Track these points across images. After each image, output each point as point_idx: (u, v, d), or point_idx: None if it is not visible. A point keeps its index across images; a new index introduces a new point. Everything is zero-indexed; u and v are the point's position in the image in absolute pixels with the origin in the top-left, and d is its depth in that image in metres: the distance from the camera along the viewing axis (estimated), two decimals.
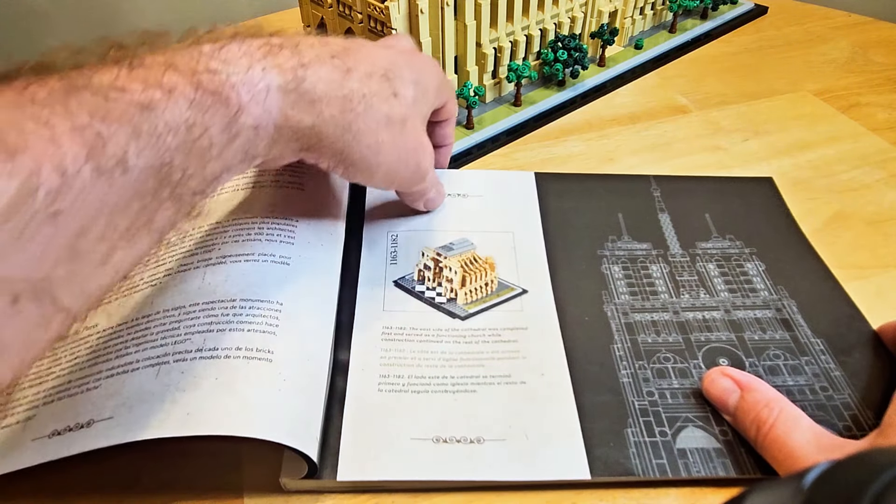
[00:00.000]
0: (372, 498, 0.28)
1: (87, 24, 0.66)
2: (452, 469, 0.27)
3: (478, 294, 0.35)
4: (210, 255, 0.31)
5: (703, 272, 0.37)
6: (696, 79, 0.57)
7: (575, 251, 0.37)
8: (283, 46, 0.26)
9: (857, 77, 0.57)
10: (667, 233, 0.39)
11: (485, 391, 0.30)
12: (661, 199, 0.42)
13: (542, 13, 0.53)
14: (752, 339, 0.33)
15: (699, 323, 0.34)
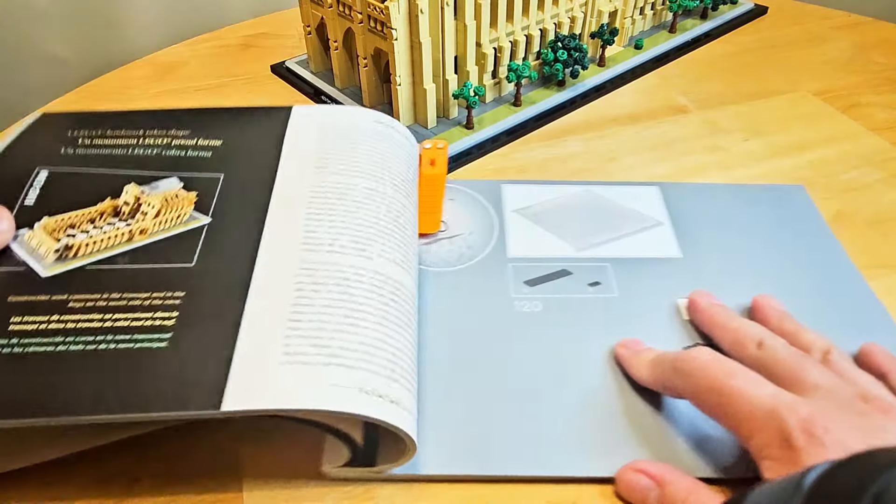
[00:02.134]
0: (368, 490, 0.28)
1: (87, 24, 0.66)
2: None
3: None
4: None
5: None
6: (696, 79, 0.57)
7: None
8: None
9: (857, 77, 0.57)
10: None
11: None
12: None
13: (542, 13, 0.53)
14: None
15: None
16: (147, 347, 0.26)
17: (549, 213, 0.41)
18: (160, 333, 0.26)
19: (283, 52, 0.62)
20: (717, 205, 0.42)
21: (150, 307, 0.27)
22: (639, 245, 0.39)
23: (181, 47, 0.65)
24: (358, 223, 0.31)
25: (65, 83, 0.65)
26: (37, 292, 0.27)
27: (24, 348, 0.25)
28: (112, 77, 0.60)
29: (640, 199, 0.42)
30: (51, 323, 0.26)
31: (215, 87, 0.58)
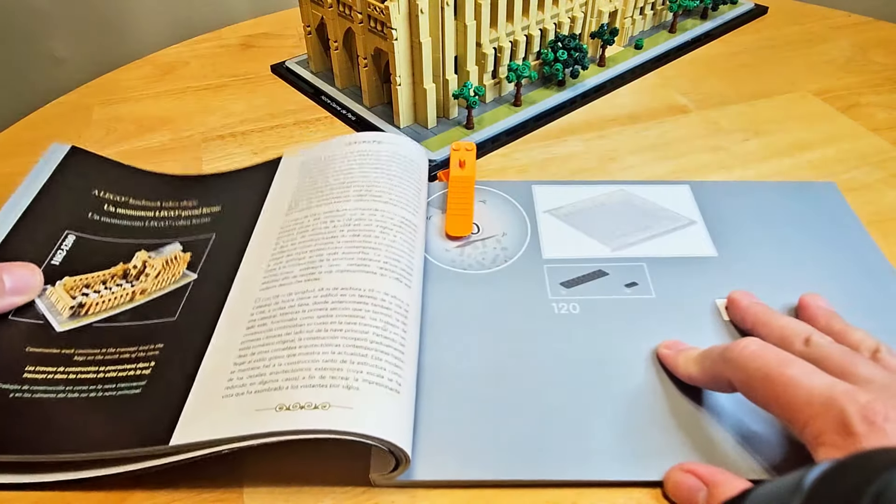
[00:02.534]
0: (368, 490, 0.28)
1: (87, 24, 0.66)
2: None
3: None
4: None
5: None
6: (696, 79, 0.57)
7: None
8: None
9: (857, 77, 0.57)
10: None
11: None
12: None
13: (542, 13, 0.53)
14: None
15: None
16: (125, 394, 0.28)
17: (581, 213, 0.41)
18: (137, 381, 0.29)
19: (283, 52, 0.62)
20: (748, 202, 0.42)
21: (134, 359, 0.30)
22: (673, 244, 0.39)
23: (181, 47, 0.65)
24: (312, 249, 0.32)
25: (65, 83, 0.65)
26: (50, 345, 0.30)
27: (32, 394, 0.28)
28: (112, 77, 0.60)
29: (672, 198, 0.42)
30: (57, 373, 0.29)
31: (215, 87, 0.58)
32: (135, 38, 0.69)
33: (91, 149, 0.50)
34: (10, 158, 0.50)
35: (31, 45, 0.64)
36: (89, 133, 0.52)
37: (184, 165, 0.48)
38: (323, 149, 0.39)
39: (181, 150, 0.50)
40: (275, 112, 0.54)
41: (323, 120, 0.53)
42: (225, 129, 0.52)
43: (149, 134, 0.52)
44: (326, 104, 0.54)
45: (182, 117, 0.54)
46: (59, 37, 0.65)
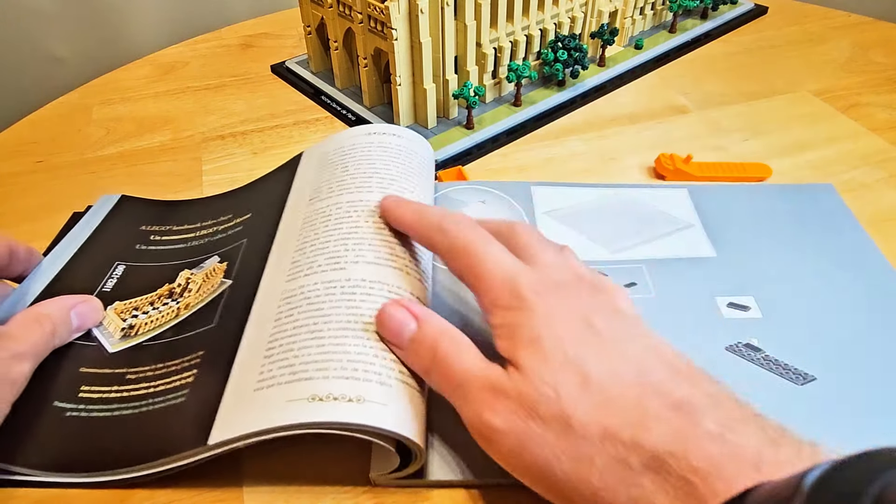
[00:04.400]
0: (369, 490, 0.28)
1: (87, 25, 0.66)
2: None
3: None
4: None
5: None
6: (696, 79, 0.57)
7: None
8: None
9: (857, 77, 0.57)
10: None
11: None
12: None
13: (542, 13, 0.53)
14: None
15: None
16: (172, 405, 0.29)
17: (579, 215, 0.41)
18: (182, 391, 0.29)
19: (283, 52, 0.62)
20: (746, 205, 0.42)
21: (180, 370, 0.30)
22: (672, 246, 0.39)
23: (181, 47, 0.65)
24: (336, 239, 0.32)
25: (65, 83, 0.65)
26: (102, 366, 0.31)
27: (88, 413, 0.29)
28: (112, 77, 0.60)
29: (669, 201, 0.42)
30: (111, 392, 0.30)
31: (215, 87, 0.58)
32: (135, 38, 0.69)
33: (91, 149, 0.50)
34: (10, 158, 0.50)
35: (31, 45, 0.64)
36: (89, 133, 0.52)
37: (184, 165, 0.48)
38: (343, 139, 0.39)
39: (181, 150, 0.50)
40: (275, 112, 0.54)
41: (323, 120, 0.53)
42: (225, 129, 0.52)
43: (149, 134, 0.52)
44: (326, 104, 0.54)
45: (182, 117, 0.54)
46: (59, 37, 0.65)
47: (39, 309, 0.31)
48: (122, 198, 0.42)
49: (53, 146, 0.51)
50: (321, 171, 0.37)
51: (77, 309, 0.32)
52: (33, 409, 0.29)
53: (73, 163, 0.49)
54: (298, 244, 0.33)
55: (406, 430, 0.25)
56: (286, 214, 0.36)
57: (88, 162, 0.49)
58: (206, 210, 0.41)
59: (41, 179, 0.47)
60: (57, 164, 0.49)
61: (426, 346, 0.26)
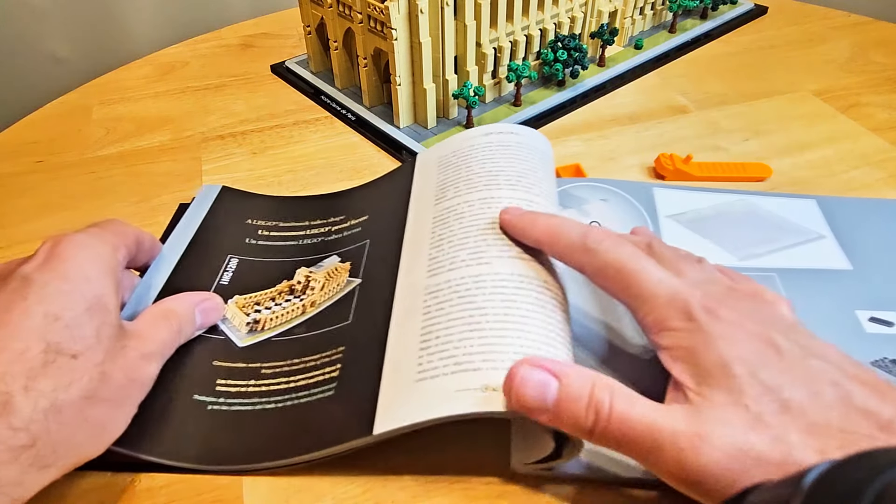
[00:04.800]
0: (369, 490, 0.28)
1: (87, 24, 0.66)
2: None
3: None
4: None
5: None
6: (696, 79, 0.57)
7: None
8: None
9: (857, 77, 0.57)
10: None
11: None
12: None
13: (542, 13, 0.53)
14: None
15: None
16: (320, 398, 0.30)
17: (705, 220, 0.41)
18: (329, 384, 0.30)
19: (283, 52, 0.62)
20: (881, 218, 0.41)
21: (321, 365, 0.31)
22: (803, 256, 0.38)
23: (181, 47, 0.65)
24: (475, 235, 0.32)
25: (65, 83, 0.65)
26: (235, 360, 0.32)
27: (230, 406, 0.30)
28: (112, 77, 0.60)
29: (797, 211, 0.41)
30: (249, 386, 0.31)
31: (215, 87, 0.58)
32: (135, 38, 0.69)
33: (91, 149, 0.50)
34: (10, 158, 0.50)
35: (31, 45, 0.64)
36: (89, 133, 0.52)
37: (184, 165, 0.48)
38: (458, 142, 0.39)
39: (181, 150, 0.50)
40: (275, 112, 0.54)
41: (323, 120, 0.53)
42: (225, 129, 0.52)
43: (149, 134, 0.52)
44: (326, 104, 0.54)
45: (182, 117, 0.54)
46: (59, 37, 0.65)
47: (167, 304, 0.31)
48: (224, 188, 0.43)
49: (53, 146, 0.51)
50: (442, 174, 0.38)
51: (201, 306, 0.33)
52: (172, 401, 0.30)
53: (73, 163, 0.49)
54: (433, 241, 0.33)
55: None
56: (412, 216, 0.37)
57: (88, 162, 0.49)
58: (311, 209, 0.42)
59: (41, 179, 0.47)
60: (57, 164, 0.49)
61: (581, 406, 0.24)
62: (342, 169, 0.47)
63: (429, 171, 0.39)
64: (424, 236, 0.34)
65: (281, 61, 0.60)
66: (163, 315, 0.30)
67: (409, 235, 0.35)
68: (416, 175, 0.40)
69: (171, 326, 0.30)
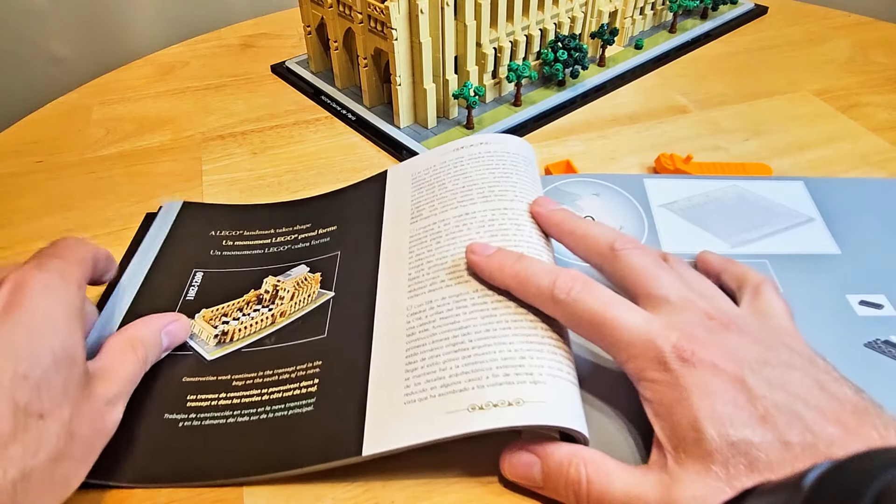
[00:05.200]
0: (369, 490, 0.28)
1: (87, 24, 0.66)
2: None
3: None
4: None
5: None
6: (696, 79, 0.57)
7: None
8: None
9: (857, 77, 0.57)
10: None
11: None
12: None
13: (542, 13, 0.53)
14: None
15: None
16: (297, 413, 0.29)
17: (697, 208, 0.41)
18: (307, 399, 0.30)
19: (283, 52, 0.62)
20: (867, 199, 0.41)
21: (296, 378, 0.31)
22: (793, 241, 0.38)
23: (181, 47, 0.65)
24: (453, 254, 0.33)
25: (65, 83, 0.65)
26: (204, 374, 0.32)
27: (201, 421, 0.30)
28: (112, 77, 0.60)
29: (786, 195, 0.42)
30: (220, 399, 0.30)
31: (215, 87, 0.58)
32: (135, 38, 0.69)
33: (91, 149, 0.50)
34: (10, 158, 0.50)
35: (31, 45, 0.64)
36: (89, 133, 0.52)
37: (184, 165, 0.48)
38: (431, 158, 0.40)
39: (181, 150, 0.50)
40: (275, 112, 0.54)
41: (323, 120, 0.53)
42: (225, 129, 0.52)
43: (149, 134, 0.52)
44: (326, 104, 0.54)
45: (182, 117, 0.54)
46: (59, 37, 0.65)
47: (132, 332, 0.30)
48: (185, 204, 0.43)
49: (53, 146, 0.51)
50: (417, 191, 0.38)
51: (167, 328, 0.31)
52: (143, 424, 0.29)
53: (73, 163, 0.49)
54: (413, 261, 0.34)
55: (572, 423, 0.26)
56: (387, 232, 0.37)
57: (88, 162, 0.49)
58: (276, 216, 0.42)
59: (41, 179, 0.47)
60: (57, 164, 0.49)
61: (561, 484, 0.26)
62: (342, 169, 0.47)
63: (402, 187, 0.39)
64: (402, 255, 0.35)
65: (281, 61, 0.60)
66: (128, 345, 0.29)
67: (386, 253, 0.36)
68: (389, 190, 0.40)
69: (136, 358, 0.29)
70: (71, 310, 0.26)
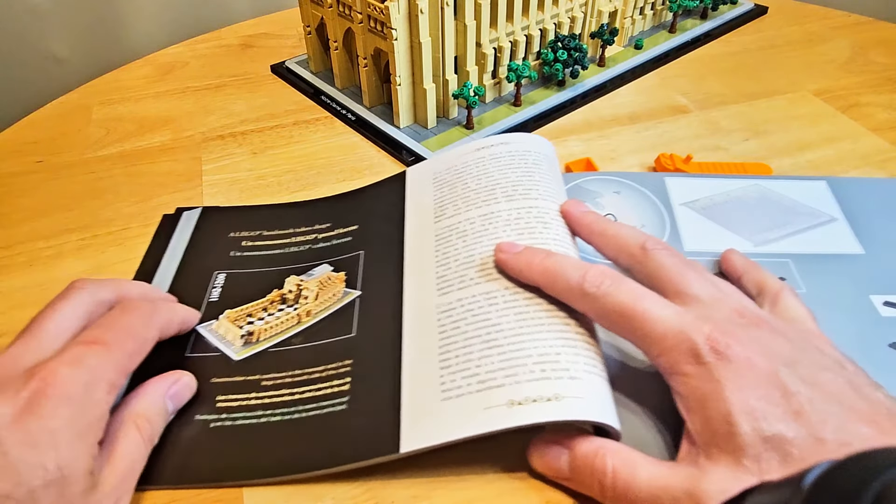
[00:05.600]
0: (369, 490, 0.28)
1: (87, 24, 0.66)
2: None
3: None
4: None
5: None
6: (696, 79, 0.57)
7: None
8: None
9: (857, 77, 0.57)
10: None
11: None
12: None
13: (542, 13, 0.53)
14: None
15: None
16: (332, 412, 0.30)
17: (718, 206, 0.41)
18: (339, 398, 0.30)
19: (283, 52, 0.62)
20: (891, 199, 0.41)
21: (327, 377, 0.31)
22: (816, 241, 0.38)
23: (181, 47, 0.65)
24: (480, 252, 0.33)
25: (65, 83, 0.65)
26: (232, 374, 0.32)
27: (233, 421, 0.30)
28: (112, 77, 0.60)
29: (809, 194, 0.42)
30: (250, 399, 0.31)
31: (215, 87, 0.58)
32: (135, 38, 0.69)
33: (91, 149, 0.50)
34: (10, 158, 0.50)
35: (31, 45, 0.64)
36: (89, 133, 0.52)
37: (184, 165, 0.48)
38: (451, 159, 0.40)
39: (181, 150, 0.50)
40: (275, 112, 0.54)
41: (323, 120, 0.53)
42: (225, 129, 0.52)
43: (149, 134, 0.52)
44: (326, 104, 0.54)
45: (182, 117, 0.54)
46: (59, 37, 0.65)
47: (136, 408, 0.28)
48: (204, 209, 0.43)
49: (53, 146, 0.51)
50: (438, 191, 0.38)
51: (171, 392, 0.30)
52: (176, 423, 0.30)
53: (73, 163, 0.49)
54: (439, 259, 0.34)
55: (607, 418, 0.26)
56: (410, 231, 0.37)
57: (88, 162, 0.49)
58: (294, 216, 0.42)
59: (41, 179, 0.47)
60: (57, 164, 0.49)
61: (587, 474, 0.26)
62: (342, 169, 0.47)
63: (423, 187, 0.40)
64: (428, 254, 0.35)
65: (281, 61, 0.60)
66: (133, 425, 0.27)
67: (411, 252, 0.36)
68: (409, 190, 0.40)
69: (141, 439, 0.27)
70: (82, 425, 0.24)
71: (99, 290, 0.30)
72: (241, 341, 0.33)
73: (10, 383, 0.24)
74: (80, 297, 0.29)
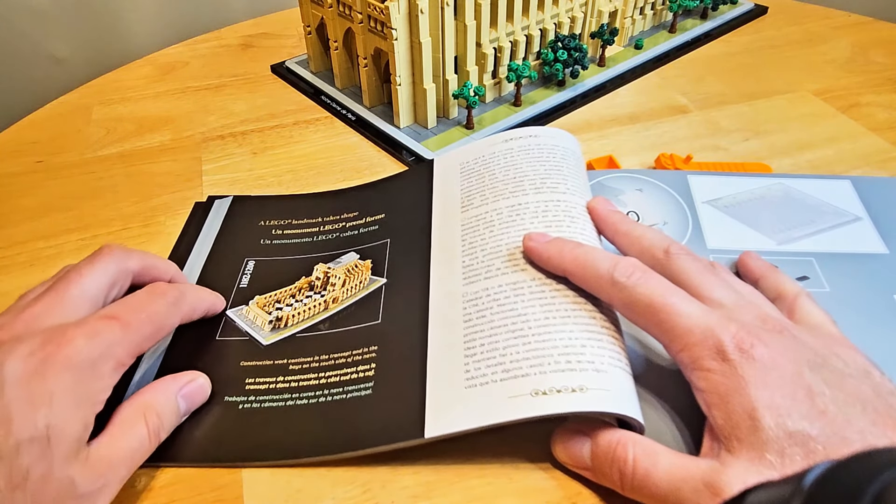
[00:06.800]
0: (369, 490, 0.28)
1: (87, 24, 0.66)
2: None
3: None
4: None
5: None
6: (696, 79, 0.57)
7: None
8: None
9: (857, 77, 0.57)
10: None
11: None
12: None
13: (542, 13, 0.53)
14: None
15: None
16: (356, 396, 0.30)
17: (742, 204, 0.41)
18: (365, 383, 0.31)
19: (283, 52, 0.62)
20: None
21: (353, 363, 0.32)
22: (840, 240, 0.38)
23: (181, 47, 0.65)
24: (507, 243, 0.33)
25: (65, 83, 0.65)
26: (261, 358, 0.33)
27: (260, 404, 0.31)
28: (112, 77, 0.60)
29: (833, 193, 0.41)
30: (278, 383, 0.31)
31: (215, 87, 0.58)
32: (135, 38, 0.69)
33: (91, 149, 0.50)
34: (10, 158, 0.50)
35: (31, 45, 0.64)
36: (89, 133, 0.52)
37: (184, 165, 0.48)
38: (479, 148, 0.40)
39: (181, 150, 0.50)
40: (275, 112, 0.54)
41: (323, 120, 0.53)
42: (225, 129, 0.52)
43: (149, 134, 0.52)
44: (326, 104, 0.54)
45: (182, 117, 0.54)
46: (59, 37, 0.65)
47: (145, 399, 0.28)
48: (235, 198, 0.44)
49: (53, 146, 0.51)
50: (466, 181, 0.39)
51: (183, 392, 0.29)
52: (206, 404, 0.30)
53: (73, 163, 0.49)
54: (466, 249, 0.34)
55: (631, 411, 0.26)
56: (437, 221, 0.37)
57: (88, 162, 0.49)
58: (323, 206, 0.43)
59: (41, 179, 0.47)
60: (57, 164, 0.49)
61: (607, 464, 0.26)
62: (342, 169, 0.47)
63: (450, 177, 0.40)
64: (455, 243, 0.35)
65: (281, 61, 0.60)
66: (141, 416, 0.27)
67: (437, 241, 0.36)
68: (437, 179, 0.41)
69: (146, 431, 0.27)
70: (80, 393, 0.25)
71: (126, 259, 0.31)
72: (270, 326, 0.34)
73: (27, 340, 0.25)
74: (106, 265, 0.30)
